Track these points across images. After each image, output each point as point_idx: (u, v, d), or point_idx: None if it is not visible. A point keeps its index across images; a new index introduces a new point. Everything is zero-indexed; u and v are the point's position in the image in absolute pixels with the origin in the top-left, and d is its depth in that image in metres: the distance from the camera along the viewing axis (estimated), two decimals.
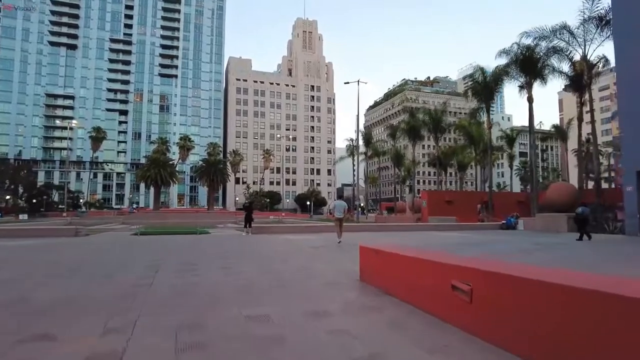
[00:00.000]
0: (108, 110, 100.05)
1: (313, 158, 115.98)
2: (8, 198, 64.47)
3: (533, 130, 27.53)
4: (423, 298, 4.56)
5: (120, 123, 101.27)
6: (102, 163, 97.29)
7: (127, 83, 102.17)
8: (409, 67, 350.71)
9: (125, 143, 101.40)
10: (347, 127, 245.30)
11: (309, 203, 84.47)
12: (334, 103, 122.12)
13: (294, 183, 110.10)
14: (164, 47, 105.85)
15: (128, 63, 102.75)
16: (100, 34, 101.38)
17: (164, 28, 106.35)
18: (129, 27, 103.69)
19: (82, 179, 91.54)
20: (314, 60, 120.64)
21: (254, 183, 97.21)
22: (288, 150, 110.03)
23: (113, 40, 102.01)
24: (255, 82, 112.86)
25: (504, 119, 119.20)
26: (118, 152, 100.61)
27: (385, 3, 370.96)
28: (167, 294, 5.31)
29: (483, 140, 44.02)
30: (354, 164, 61.43)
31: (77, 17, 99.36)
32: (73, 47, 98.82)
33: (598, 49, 24.71)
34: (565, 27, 23.43)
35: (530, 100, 27.57)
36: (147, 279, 6.35)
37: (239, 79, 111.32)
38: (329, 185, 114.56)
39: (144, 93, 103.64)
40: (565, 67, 27.09)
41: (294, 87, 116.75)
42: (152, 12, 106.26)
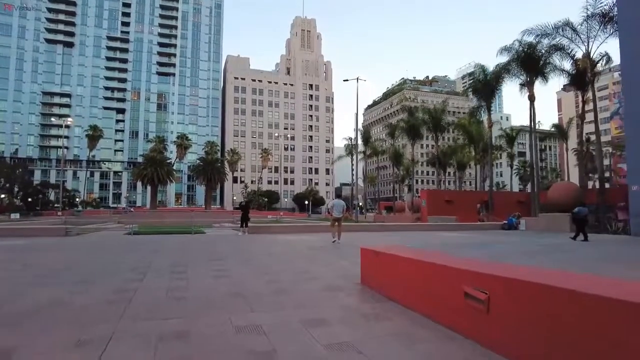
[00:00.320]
0: (105, 109, 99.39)
1: (311, 157, 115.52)
2: (3, 197, 63.81)
3: (535, 129, 27.16)
4: (431, 305, 4.15)
5: (118, 121, 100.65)
6: (99, 162, 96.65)
7: (124, 81, 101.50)
8: (408, 66, 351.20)
9: (123, 142, 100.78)
10: (345, 126, 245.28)
11: (307, 202, 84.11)
12: (333, 102, 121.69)
13: (292, 182, 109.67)
14: (162, 45, 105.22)
15: (125, 61, 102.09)
16: (97, 32, 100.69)
17: (162, 26, 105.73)
18: (127, 24, 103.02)
19: (78, 178, 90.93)
20: (313, 59, 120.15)
21: (252, 182, 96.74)
22: (286, 150, 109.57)
23: (110, 38, 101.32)
24: (254, 80, 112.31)
25: (502, 119, 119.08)
26: (115, 150, 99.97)
27: (384, 3, 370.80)
28: (151, 301, 4.89)
29: (483, 140, 43.67)
30: (353, 163, 61.09)
31: (73, 14, 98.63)
32: (70, 44, 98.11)
33: (601, 47, 24.32)
34: (568, 23, 23.07)
35: (532, 99, 27.20)
36: (132, 284, 5.92)
37: (237, 78, 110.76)
38: (327, 185, 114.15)
39: (142, 91, 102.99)
40: (567, 65, 26.78)
41: (292, 86, 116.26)
42: (149, 9, 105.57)
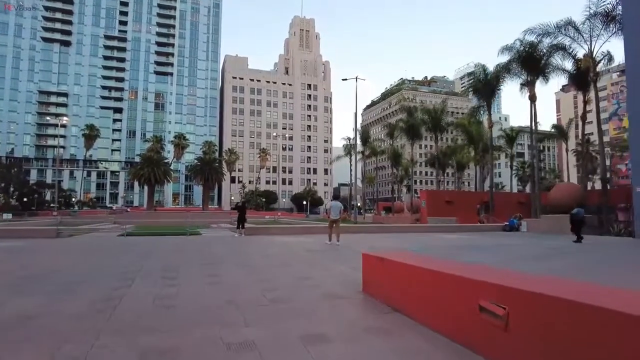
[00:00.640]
0: (102, 108, 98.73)
1: (310, 157, 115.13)
2: None
3: (536, 130, 26.86)
4: (441, 319, 3.78)
5: (115, 121, 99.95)
6: (96, 161, 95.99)
7: (121, 80, 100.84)
8: (407, 66, 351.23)
9: (120, 141, 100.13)
10: (344, 127, 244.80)
11: (306, 203, 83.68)
12: (331, 102, 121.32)
13: (290, 182, 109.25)
14: (160, 44, 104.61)
15: (123, 60, 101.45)
16: (95, 31, 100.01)
17: (160, 25, 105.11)
18: (124, 23, 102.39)
19: (75, 178, 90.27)
20: (311, 59, 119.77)
21: (250, 182, 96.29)
22: (284, 150, 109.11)
23: (107, 37, 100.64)
24: (252, 80, 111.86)
25: (501, 119, 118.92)
26: (112, 150, 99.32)
27: (383, 3, 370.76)
28: (137, 311, 4.52)
29: (482, 140, 43.37)
30: (351, 163, 60.72)
31: (70, 13, 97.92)
32: (67, 43, 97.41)
33: (603, 46, 24.04)
34: (571, 22, 22.78)
35: (533, 99, 26.89)
36: (119, 290, 5.54)
37: (235, 77, 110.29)
38: (326, 185, 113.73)
39: (139, 91, 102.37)
40: (568, 64, 26.50)
41: (291, 85, 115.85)
42: (147, 8, 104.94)
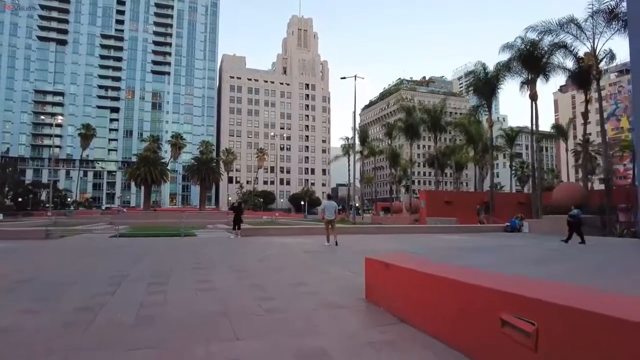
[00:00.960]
0: (99, 108, 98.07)
1: (307, 157, 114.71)
2: None
3: (537, 129, 26.53)
4: (455, 333, 3.37)
5: (112, 121, 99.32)
6: (92, 161, 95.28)
7: (118, 80, 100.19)
8: (405, 66, 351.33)
9: (117, 141, 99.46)
10: (342, 127, 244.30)
11: (303, 203, 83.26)
12: (329, 102, 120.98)
13: (288, 183, 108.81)
14: (157, 43, 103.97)
15: (119, 59, 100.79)
16: (91, 30, 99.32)
17: (157, 24, 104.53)
18: (121, 22, 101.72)
19: (71, 178, 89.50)
20: (309, 59, 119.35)
21: (248, 182, 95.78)
22: (282, 150, 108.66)
23: (104, 36, 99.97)
24: (250, 80, 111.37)
25: (499, 120, 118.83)
26: (109, 150, 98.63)
27: (382, 3, 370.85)
28: (117, 323, 4.09)
29: (482, 140, 43.07)
30: (349, 163, 60.35)
31: (67, 11, 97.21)
32: (63, 42, 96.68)
33: (605, 44, 23.68)
34: (573, 20, 22.45)
35: (534, 98, 26.55)
36: (101, 298, 5.12)
37: (233, 77, 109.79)
38: (324, 185, 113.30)
39: (136, 90, 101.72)
40: (569, 63, 26.20)
41: (289, 85, 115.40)
42: (144, 8, 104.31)
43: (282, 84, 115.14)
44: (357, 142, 46.23)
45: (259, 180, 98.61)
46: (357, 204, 48.68)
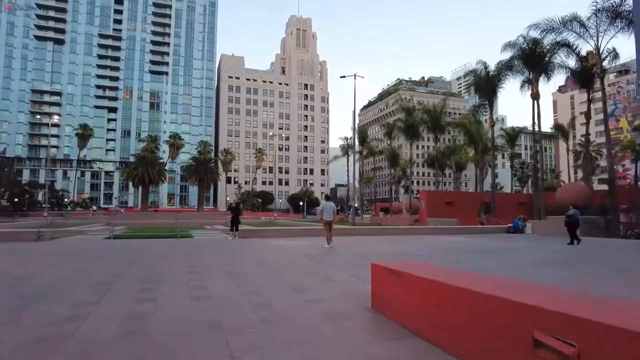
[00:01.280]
0: (97, 107, 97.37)
1: (306, 158, 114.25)
2: None
3: (540, 129, 26.16)
4: (477, 352, 2.98)
5: (109, 120, 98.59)
6: (90, 161, 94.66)
7: (116, 79, 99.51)
8: (404, 67, 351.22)
9: (114, 141, 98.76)
10: (341, 127, 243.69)
11: (302, 203, 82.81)
12: (328, 102, 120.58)
13: (287, 183, 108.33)
14: (155, 43, 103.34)
15: (117, 59, 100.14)
16: (89, 29, 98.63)
17: (155, 24, 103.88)
18: (119, 22, 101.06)
19: (69, 178, 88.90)
20: (308, 59, 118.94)
21: (246, 183, 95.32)
22: (281, 150, 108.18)
23: (102, 36, 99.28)
24: (248, 80, 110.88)
25: (498, 120, 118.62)
26: (107, 150, 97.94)
27: (381, 3, 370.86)
28: (98, 339, 3.68)
29: (482, 140, 42.75)
30: (348, 163, 59.96)
31: (64, 11, 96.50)
32: (60, 41, 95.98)
33: (609, 43, 23.30)
34: (576, 18, 22.12)
35: (536, 97, 26.20)
36: (85, 307, 4.70)
37: (231, 77, 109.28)
38: (322, 186, 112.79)
39: (134, 90, 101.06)
40: (572, 62, 25.87)
41: (287, 85, 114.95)
42: (142, 7, 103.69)
43: (280, 84, 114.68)
44: (356, 142, 45.81)
45: (258, 181, 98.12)
46: (356, 205, 48.27)
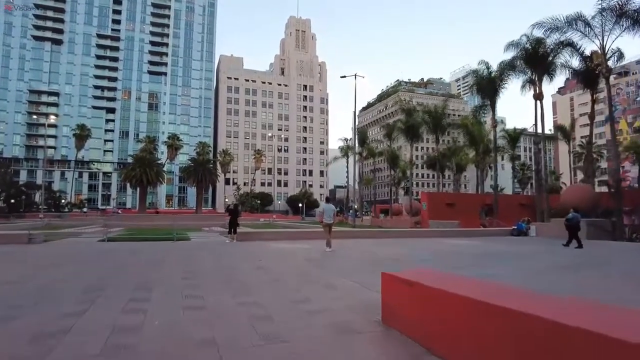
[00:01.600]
0: (95, 108, 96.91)
1: (305, 159, 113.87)
2: None
3: (543, 130, 25.84)
4: None
5: (108, 121, 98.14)
6: (88, 162, 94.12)
7: (114, 80, 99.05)
8: (404, 67, 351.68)
9: (112, 142, 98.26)
10: (340, 128, 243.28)
11: (301, 205, 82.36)
12: (327, 104, 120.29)
13: (286, 184, 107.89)
14: (154, 43, 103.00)
15: (116, 59, 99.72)
16: (87, 29, 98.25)
17: (154, 24, 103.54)
18: (117, 22, 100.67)
19: (66, 179, 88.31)
20: (307, 60, 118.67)
21: (245, 184, 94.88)
22: (280, 151, 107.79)
23: (100, 36, 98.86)
24: (247, 81, 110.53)
25: (498, 121, 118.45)
26: (105, 151, 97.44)
27: (380, 4, 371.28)
28: (82, 353, 3.26)
29: (483, 141, 42.42)
30: (347, 164, 59.59)
31: (62, 11, 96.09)
32: (58, 42, 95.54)
33: (614, 43, 22.93)
34: (581, 16, 21.79)
35: (539, 97, 25.86)
36: (67, 319, 4.27)
37: (230, 78, 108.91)
38: (322, 187, 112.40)
39: (132, 91, 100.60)
40: (576, 62, 25.56)
41: (287, 86, 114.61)
42: (141, 7, 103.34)
43: (279, 85, 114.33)
44: (356, 143, 45.42)
45: (256, 182, 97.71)
46: (355, 206, 47.85)
